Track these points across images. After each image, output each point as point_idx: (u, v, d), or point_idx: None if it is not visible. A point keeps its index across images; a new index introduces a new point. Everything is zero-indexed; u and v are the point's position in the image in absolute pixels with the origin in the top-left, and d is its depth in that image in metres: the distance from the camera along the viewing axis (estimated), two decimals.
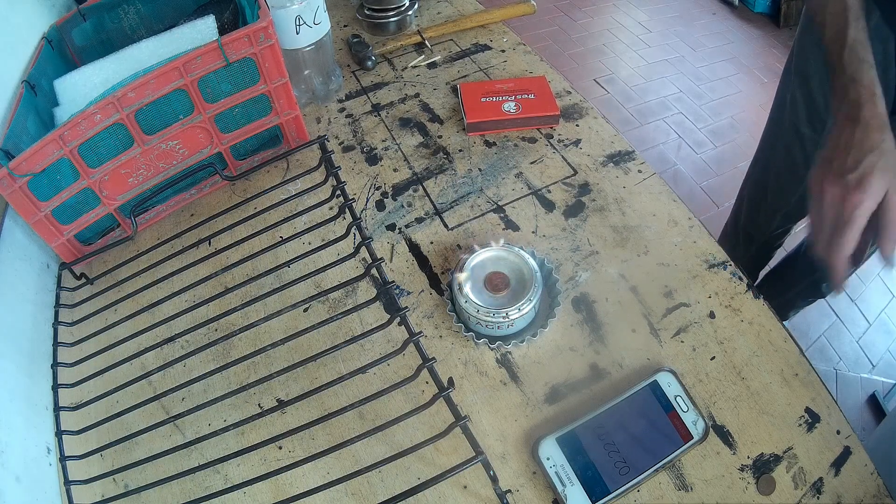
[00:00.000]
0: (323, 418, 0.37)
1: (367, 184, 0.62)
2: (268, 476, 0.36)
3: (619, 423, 0.41)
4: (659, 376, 0.43)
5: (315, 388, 0.39)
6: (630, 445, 0.41)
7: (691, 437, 0.41)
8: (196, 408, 0.41)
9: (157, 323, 0.46)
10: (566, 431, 0.41)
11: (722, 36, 2.41)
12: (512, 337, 0.48)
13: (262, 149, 0.64)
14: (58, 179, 0.50)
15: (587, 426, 0.41)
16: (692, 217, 0.57)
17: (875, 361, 1.42)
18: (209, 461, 0.39)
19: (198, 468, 0.39)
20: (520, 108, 0.65)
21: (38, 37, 0.59)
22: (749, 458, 0.42)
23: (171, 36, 0.56)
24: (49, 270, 0.56)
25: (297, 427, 0.37)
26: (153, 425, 0.42)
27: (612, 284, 0.52)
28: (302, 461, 0.36)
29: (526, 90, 0.67)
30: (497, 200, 0.59)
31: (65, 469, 0.42)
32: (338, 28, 0.83)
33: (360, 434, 0.36)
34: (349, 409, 0.37)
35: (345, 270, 0.53)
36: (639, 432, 0.41)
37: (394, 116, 0.69)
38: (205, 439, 0.40)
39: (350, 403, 0.37)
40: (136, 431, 0.42)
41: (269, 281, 0.51)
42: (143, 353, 0.45)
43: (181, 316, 0.46)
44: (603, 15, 2.53)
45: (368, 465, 0.35)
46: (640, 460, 0.40)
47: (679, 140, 1.95)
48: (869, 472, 0.42)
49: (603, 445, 0.40)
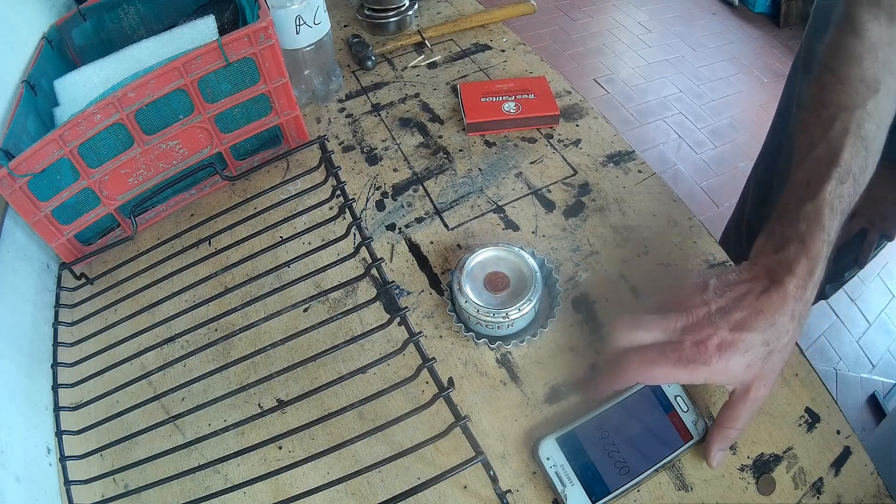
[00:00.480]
0: (323, 418, 0.37)
1: (367, 184, 0.62)
2: (268, 476, 0.36)
3: (619, 423, 0.41)
4: None
5: (315, 388, 0.39)
6: (630, 445, 0.41)
7: (691, 437, 0.41)
8: (196, 408, 0.41)
9: (157, 323, 0.46)
10: (566, 431, 0.41)
11: (722, 36, 2.41)
12: (512, 337, 0.48)
13: (262, 149, 0.64)
14: (58, 179, 0.50)
15: (587, 426, 0.41)
16: (692, 217, 0.57)
17: (875, 361, 1.43)
18: (209, 461, 0.39)
19: (198, 468, 0.39)
20: (520, 108, 0.65)
21: (38, 37, 0.59)
22: (749, 458, 0.42)
23: (171, 36, 0.56)
24: (49, 270, 0.56)
25: (297, 427, 0.37)
26: (153, 425, 0.42)
27: (612, 284, 0.52)
28: (302, 461, 0.36)
29: (526, 90, 0.67)
30: (497, 200, 0.59)
31: (65, 469, 0.42)
32: (338, 28, 0.83)
33: (360, 434, 0.36)
34: (349, 409, 0.37)
35: (345, 270, 0.53)
36: (639, 432, 0.41)
37: (394, 116, 0.69)
38: (205, 439, 0.40)
39: (350, 403, 0.37)
40: (136, 431, 0.42)
41: (269, 281, 0.51)
42: (143, 352, 0.45)
43: (181, 316, 0.46)
44: (603, 15, 2.53)
45: (368, 465, 0.35)
46: (640, 460, 0.40)
47: (679, 140, 1.95)
48: (869, 472, 0.42)
49: (603, 445, 0.40)
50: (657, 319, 0.38)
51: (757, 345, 0.35)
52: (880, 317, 1.51)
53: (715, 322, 0.36)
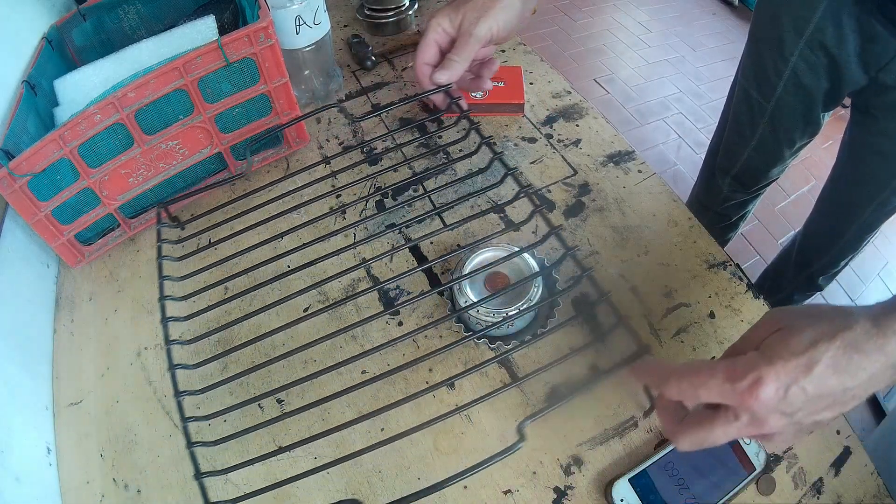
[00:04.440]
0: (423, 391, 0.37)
1: (367, 184, 0.62)
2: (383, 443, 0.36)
3: (686, 459, 0.41)
4: None
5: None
6: (698, 481, 0.41)
7: (754, 468, 0.41)
8: (300, 380, 0.40)
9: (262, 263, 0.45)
10: (638, 471, 0.41)
11: (722, 36, 2.41)
12: (512, 337, 0.48)
13: (263, 149, 0.64)
14: (58, 179, 0.50)
15: (658, 465, 0.41)
16: (692, 217, 0.57)
17: None
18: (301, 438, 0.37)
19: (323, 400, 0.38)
20: (486, 94, 0.66)
21: (38, 37, 0.59)
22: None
23: (171, 36, 0.56)
24: (49, 270, 0.56)
25: (388, 404, 0.37)
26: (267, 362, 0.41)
27: (612, 284, 0.52)
28: (396, 437, 0.35)
29: (499, 78, 0.68)
30: (497, 200, 0.59)
31: (174, 376, 0.41)
32: (338, 28, 0.83)
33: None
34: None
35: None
36: (706, 467, 0.41)
37: (394, 116, 0.69)
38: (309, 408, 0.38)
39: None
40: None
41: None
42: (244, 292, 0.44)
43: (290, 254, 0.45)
44: (603, 15, 2.53)
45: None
46: (709, 494, 0.40)
47: (679, 140, 1.95)
48: (869, 472, 0.42)
49: (673, 483, 0.40)
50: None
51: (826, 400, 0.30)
52: None
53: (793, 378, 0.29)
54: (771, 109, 0.84)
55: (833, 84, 0.75)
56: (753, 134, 0.89)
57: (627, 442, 0.43)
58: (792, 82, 0.78)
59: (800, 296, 1.15)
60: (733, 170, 0.99)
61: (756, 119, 0.87)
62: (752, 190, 1.03)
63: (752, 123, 0.88)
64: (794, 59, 0.75)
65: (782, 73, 0.78)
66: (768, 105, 0.83)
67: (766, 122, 0.86)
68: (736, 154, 0.96)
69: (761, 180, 1.00)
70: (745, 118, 0.89)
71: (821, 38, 0.70)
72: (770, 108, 0.83)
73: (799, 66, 0.75)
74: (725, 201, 1.07)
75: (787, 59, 0.76)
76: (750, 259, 1.60)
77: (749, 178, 1.00)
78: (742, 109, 0.90)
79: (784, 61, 0.76)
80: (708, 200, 1.11)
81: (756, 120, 0.87)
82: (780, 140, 0.88)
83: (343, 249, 0.46)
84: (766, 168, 0.96)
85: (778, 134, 0.87)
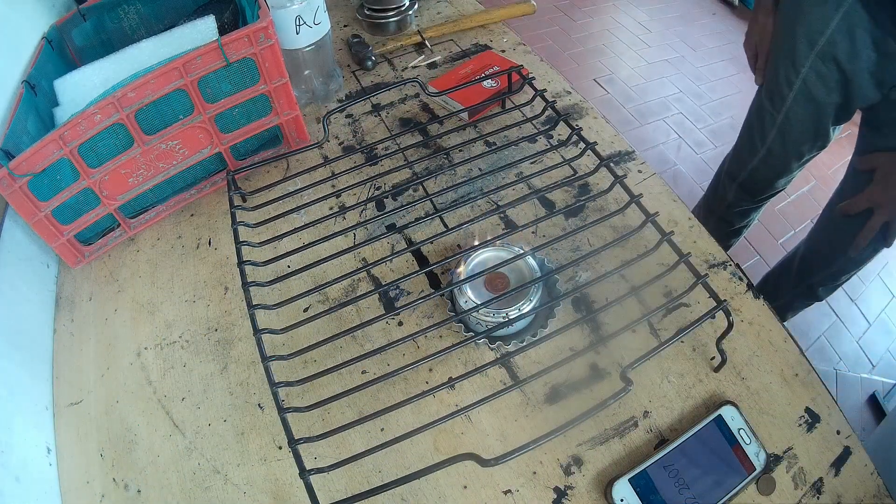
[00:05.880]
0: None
1: (367, 184, 0.62)
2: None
3: (687, 458, 0.41)
4: (723, 410, 0.43)
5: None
6: (698, 480, 0.40)
7: (754, 468, 0.41)
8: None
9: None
10: (638, 471, 0.41)
11: (722, 36, 2.41)
12: (512, 337, 0.48)
13: (262, 149, 0.64)
14: (58, 179, 0.50)
15: (658, 465, 0.41)
16: (692, 217, 0.57)
17: (875, 361, 1.43)
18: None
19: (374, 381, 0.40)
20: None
21: (38, 37, 0.59)
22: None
23: (171, 36, 0.56)
24: (49, 270, 0.56)
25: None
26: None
27: (612, 284, 0.52)
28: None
29: (487, 65, 0.73)
30: (497, 200, 0.59)
31: (259, 342, 0.41)
32: (338, 28, 0.83)
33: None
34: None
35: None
36: (706, 467, 0.41)
37: (394, 116, 0.69)
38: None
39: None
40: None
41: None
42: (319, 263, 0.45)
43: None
44: (603, 15, 2.53)
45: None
46: (709, 494, 0.40)
47: (679, 140, 1.95)
48: (869, 472, 0.42)
49: (673, 482, 0.40)
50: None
51: None
52: (880, 317, 1.51)
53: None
54: (781, 120, 0.84)
55: (844, 98, 0.75)
56: (763, 143, 0.90)
57: (627, 442, 0.43)
58: (802, 94, 0.78)
59: (799, 303, 1.15)
60: (740, 177, 0.99)
61: (766, 129, 0.87)
62: (757, 199, 1.03)
63: (762, 133, 0.88)
64: (805, 70, 0.75)
65: (793, 84, 0.78)
66: (779, 115, 0.83)
67: (776, 132, 0.86)
68: (744, 162, 0.96)
69: (767, 190, 1.00)
70: (757, 127, 0.89)
71: (833, 52, 0.70)
72: (780, 118, 0.84)
73: (810, 77, 0.75)
74: (730, 208, 1.08)
75: (799, 71, 0.76)
76: (750, 259, 1.60)
77: (755, 187, 1.00)
78: (754, 118, 0.90)
79: (795, 72, 0.77)
80: (713, 205, 1.12)
81: (766, 129, 0.87)
82: (788, 151, 0.88)
83: (343, 252, 0.46)
84: (773, 178, 0.96)
85: (787, 145, 0.87)
